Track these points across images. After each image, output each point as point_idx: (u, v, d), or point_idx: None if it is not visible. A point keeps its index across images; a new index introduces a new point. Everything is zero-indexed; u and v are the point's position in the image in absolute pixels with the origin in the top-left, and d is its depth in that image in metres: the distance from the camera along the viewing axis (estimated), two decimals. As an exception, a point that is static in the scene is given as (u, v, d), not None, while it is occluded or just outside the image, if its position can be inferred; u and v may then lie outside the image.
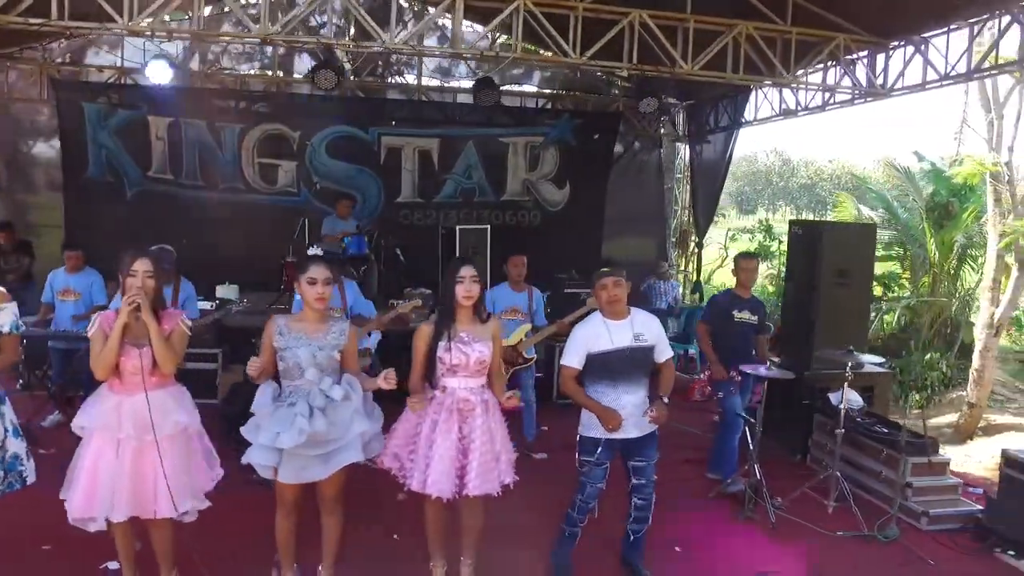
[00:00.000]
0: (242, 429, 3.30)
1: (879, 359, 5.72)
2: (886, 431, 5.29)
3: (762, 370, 4.95)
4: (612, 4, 6.28)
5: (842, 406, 4.97)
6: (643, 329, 3.69)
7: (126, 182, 9.47)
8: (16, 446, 3.29)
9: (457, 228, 8.98)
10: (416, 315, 5.34)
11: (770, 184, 61.08)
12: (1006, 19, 5.70)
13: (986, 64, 5.99)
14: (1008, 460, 4.51)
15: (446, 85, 10.26)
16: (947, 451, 9.04)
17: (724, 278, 16.31)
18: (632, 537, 3.88)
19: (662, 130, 10.93)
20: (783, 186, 62.43)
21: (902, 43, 6.69)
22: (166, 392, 3.22)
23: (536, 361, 6.02)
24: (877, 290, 13.91)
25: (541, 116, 10.41)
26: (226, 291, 7.92)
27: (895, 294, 13.59)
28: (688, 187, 11.12)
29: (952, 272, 12.91)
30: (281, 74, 10.05)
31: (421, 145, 9.97)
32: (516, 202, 10.33)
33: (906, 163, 15.84)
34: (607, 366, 3.63)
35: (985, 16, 5.88)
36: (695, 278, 11.08)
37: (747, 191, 61.65)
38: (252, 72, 9.97)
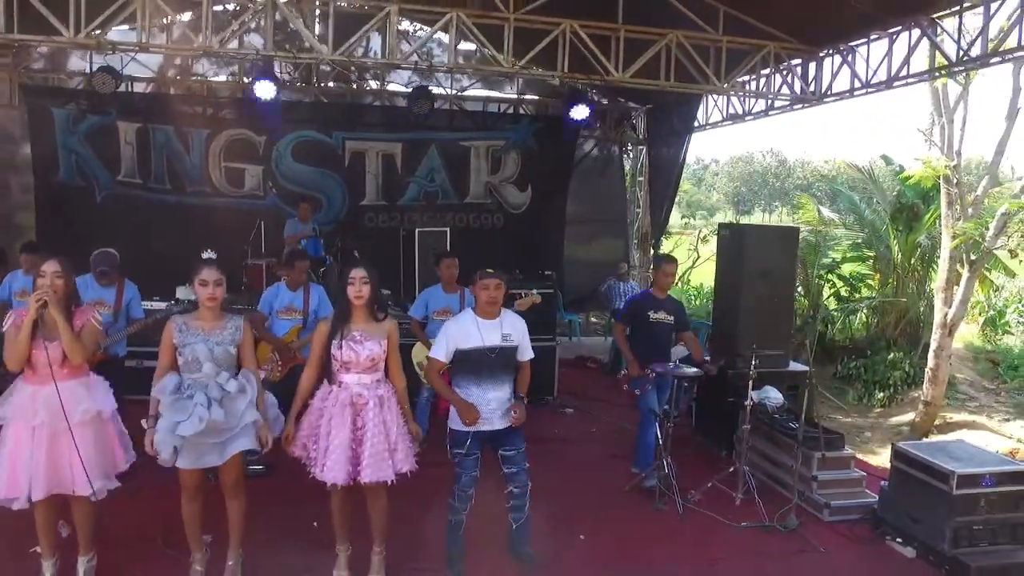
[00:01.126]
0: (142, 421, 3.56)
1: (782, 351, 5.92)
2: (794, 427, 5.52)
3: (688, 369, 5.21)
4: (544, 14, 6.52)
5: (748, 402, 5.20)
6: (511, 330, 3.93)
7: (96, 186, 9.73)
8: None
9: (416, 230, 9.20)
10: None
11: (766, 184, 61.26)
12: (918, 31, 5.93)
13: (903, 73, 6.20)
14: (896, 453, 4.74)
15: (407, 90, 10.48)
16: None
17: (698, 278, 16.57)
18: (514, 525, 4.06)
19: (628, 133, 11.15)
20: (779, 186, 62.57)
21: (831, 52, 6.92)
22: (78, 382, 3.49)
23: None
24: (845, 291, 14.17)
25: (502, 120, 10.65)
26: (185, 292, 8.15)
27: (863, 295, 13.79)
28: (648, 189, 11.36)
29: (917, 273, 13.12)
30: (247, 80, 10.27)
31: (385, 149, 10.23)
32: (479, 204, 10.58)
33: (878, 164, 16.10)
34: (473, 363, 3.86)
35: (899, 28, 6.11)
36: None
37: (744, 191, 61.87)
38: (219, 79, 10.21)
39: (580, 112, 8.21)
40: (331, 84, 10.07)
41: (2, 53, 9.46)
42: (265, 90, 7.46)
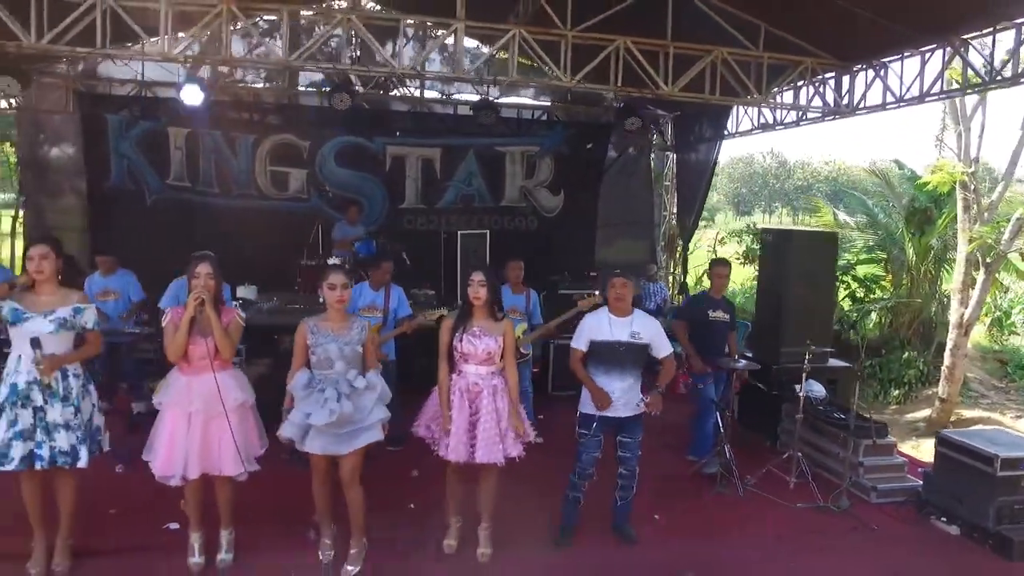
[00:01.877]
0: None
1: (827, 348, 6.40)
2: (843, 417, 6.00)
3: (741, 363, 5.69)
4: (599, 31, 6.98)
5: (803, 393, 5.68)
6: (641, 328, 4.43)
7: (146, 190, 10.14)
8: (99, 419, 4.01)
9: (458, 233, 9.66)
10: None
11: (767, 186, 61.89)
12: (950, 50, 6.43)
13: (936, 89, 6.70)
14: (941, 440, 5.23)
15: (448, 98, 10.94)
16: (921, 444, 9.81)
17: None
18: (619, 503, 4.63)
19: (653, 140, 11.62)
20: (779, 187, 63.18)
21: (864, 67, 7.41)
22: (227, 373, 3.93)
23: (533, 357, 6.72)
24: (860, 292, 14.70)
25: (537, 127, 11.10)
26: (245, 291, 8.57)
27: (877, 295, 14.31)
28: (675, 194, 11.84)
29: (930, 275, 13.64)
30: (289, 86, 10.73)
31: (424, 154, 10.68)
32: (514, 208, 11.04)
33: (884, 167, 16.63)
34: (602, 354, 4.36)
35: (933, 46, 6.61)
36: (683, 280, 11.79)
37: (744, 193, 62.45)
38: (265, 85, 10.64)
39: (634, 123, 8.69)
40: (374, 91, 10.47)
41: (58, 62, 9.89)
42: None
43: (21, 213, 10.40)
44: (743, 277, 15.87)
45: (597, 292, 6.39)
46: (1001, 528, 4.73)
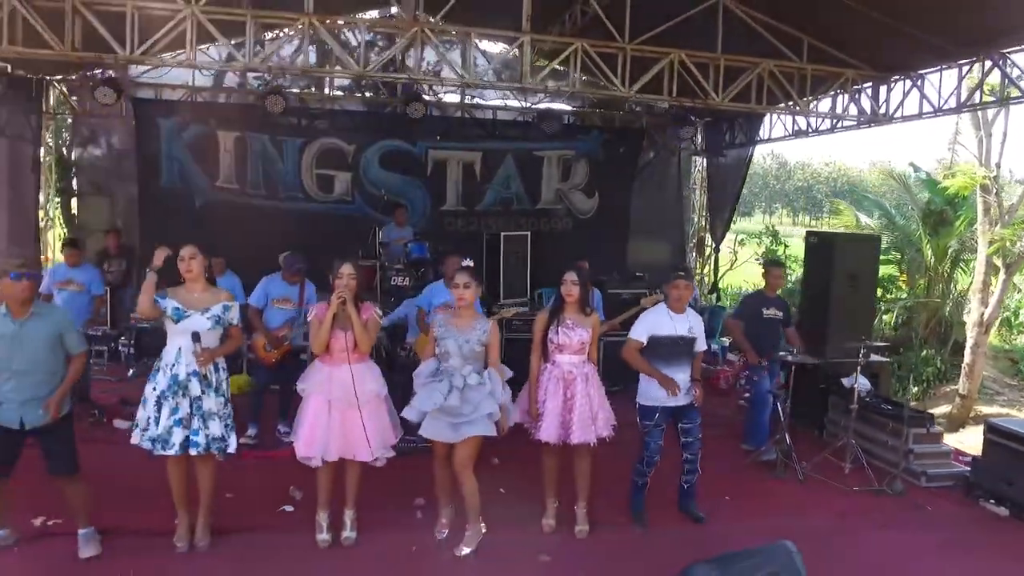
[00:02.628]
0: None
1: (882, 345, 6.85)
2: (891, 408, 6.46)
3: (789, 356, 6.14)
4: (654, 45, 7.43)
5: (856, 385, 6.14)
6: (693, 324, 4.90)
7: (195, 192, 10.52)
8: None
9: (502, 234, 10.07)
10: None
11: (767, 187, 62.55)
12: (988, 63, 6.90)
13: (974, 99, 7.18)
14: (990, 427, 5.70)
15: (487, 103, 11.38)
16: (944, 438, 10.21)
17: (732, 279, 17.56)
18: (685, 487, 5.07)
19: (681, 144, 12.08)
20: (780, 188, 63.80)
21: (901, 77, 7.89)
22: (364, 366, 4.35)
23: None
24: (877, 292, 15.19)
25: (572, 132, 11.55)
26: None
27: (893, 296, 14.82)
28: (705, 196, 12.30)
29: (946, 275, 14.15)
30: (339, 94, 11.15)
31: (465, 158, 11.11)
32: (550, 210, 11.48)
33: (900, 170, 17.18)
34: (664, 348, 4.80)
35: (972, 59, 7.08)
36: (712, 279, 12.25)
37: (744, 193, 63.04)
38: (310, 91, 11.06)
39: (689, 132, 9.18)
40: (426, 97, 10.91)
41: (112, 68, 10.27)
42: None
43: (55, 212, 10.78)
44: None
45: (659, 291, 6.88)
46: (1049, 508, 5.19)
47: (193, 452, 4.18)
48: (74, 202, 10.87)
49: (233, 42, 7.01)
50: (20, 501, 4.46)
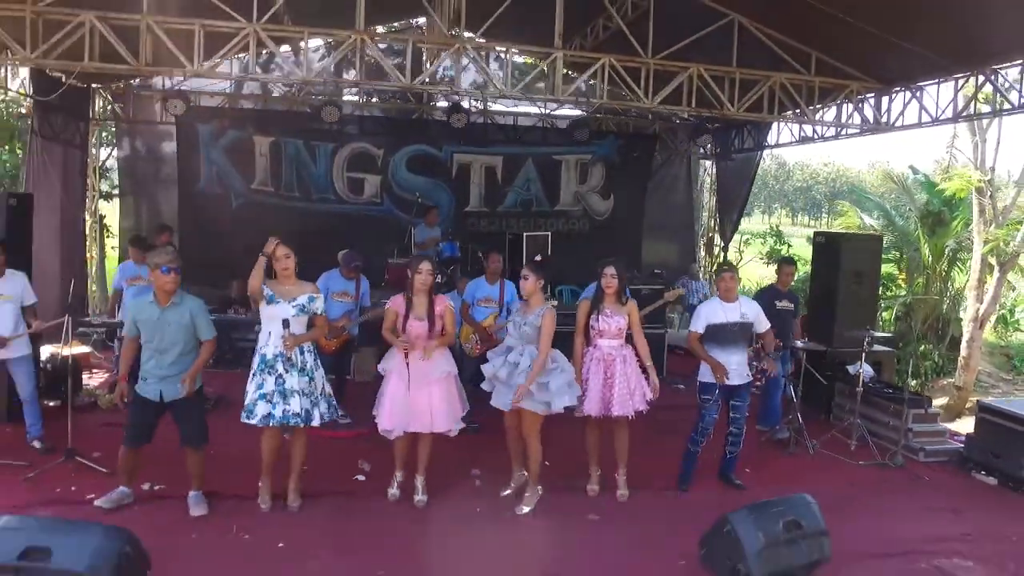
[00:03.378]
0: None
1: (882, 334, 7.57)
2: (892, 392, 7.18)
3: (800, 344, 6.87)
4: (675, 59, 8.15)
5: (860, 372, 6.86)
6: (747, 310, 5.60)
7: (232, 194, 11.22)
8: (328, 389, 5.12)
9: (524, 235, 10.76)
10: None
11: (766, 187, 63.35)
12: (981, 77, 7.65)
13: (967, 111, 7.92)
14: (982, 407, 6.44)
15: (508, 110, 12.11)
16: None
17: (743, 276, 18.34)
18: (728, 456, 5.82)
19: (698, 150, 12.81)
20: (779, 188, 64.58)
21: (902, 88, 8.62)
22: (437, 351, 5.03)
23: None
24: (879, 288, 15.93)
25: (589, 137, 12.25)
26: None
27: (893, 293, 15.57)
28: (713, 199, 13.04)
29: (943, 274, 14.90)
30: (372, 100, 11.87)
31: (487, 162, 11.84)
32: (567, 211, 12.22)
33: (899, 171, 17.90)
34: (719, 334, 5.51)
35: (968, 73, 7.82)
36: (722, 277, 12.98)
37: (743, 193, 63.94)
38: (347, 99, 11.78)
39: (706, 140, 9.91)
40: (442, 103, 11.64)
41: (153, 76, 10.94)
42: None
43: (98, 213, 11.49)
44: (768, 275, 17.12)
45: (677, 286, 7.60)
46: (1033, 477, 5.92)
47: (271, 424, 4.83)
48: (116, 203, 11.55)
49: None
50: (144, 466, 5.16)
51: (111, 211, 12.29)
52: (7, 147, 13.71)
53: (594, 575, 4.48)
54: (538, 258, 6.12)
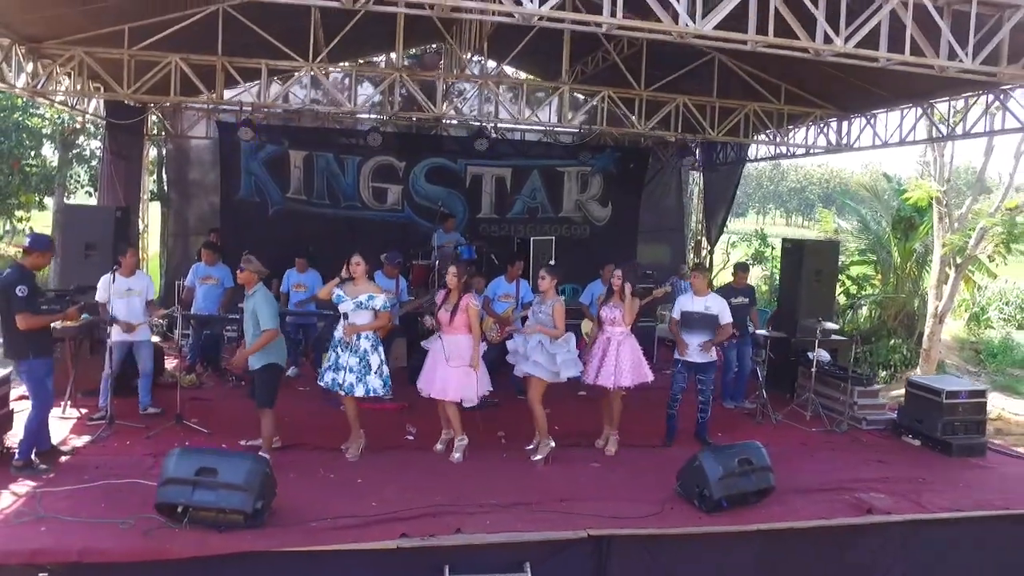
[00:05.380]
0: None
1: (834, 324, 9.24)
2: (842, 372, 8.81)
3: (765, 332, 8.51)
4: (664, 91, 9.78)
5: (816, 356, 8.49)
6: (712, 304, 7.24)
7: (269, 202, 12.77)
8: (385, 370, 6.67)
9: (531, 239, 12.35)
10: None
11: (760, 188, 65.21)
12: (919, 110, 9.32)
13: (910, 137, 9.59)
14: (910, 383, 8.09)
15: (517, 127, 13.75)
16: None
17: (725, 277, 19.98)
18: (700, 421, 7.43)
19: (683, 161, 14.47)
20: (773, 189, 66.37)
21: (858, 116, 10.29)
22: (460, 337, 6.57)
23: None
24: (853, 288, 17.62)
25: (590, 150, 13.88)
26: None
27: (867, 292, 17.24)
28: (701, 205, 14.69)
29: (913, 274, 16.57)
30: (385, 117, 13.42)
31: (497, 173, 13.47)
32: (570, 218, 13.86)
33: (893, 172, 19.58)
34: (687, 320, 7.15)
35: (910, 105, 9.49)
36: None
37: (738, 195, 65.59)
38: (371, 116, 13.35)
39: (690, 160, 11.57)
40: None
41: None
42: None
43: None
44: (754, 276, 18.77)
45: (666, 284, 9.22)
46: (945, 438, 7.55)
47: (335, 389, 6.45)
48: (164, 211, 13.11)
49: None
50: (232, 428, 6.75)
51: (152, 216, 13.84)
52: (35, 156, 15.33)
53: (595, 498, 6.06)
54: (552, 262, 7.68)
